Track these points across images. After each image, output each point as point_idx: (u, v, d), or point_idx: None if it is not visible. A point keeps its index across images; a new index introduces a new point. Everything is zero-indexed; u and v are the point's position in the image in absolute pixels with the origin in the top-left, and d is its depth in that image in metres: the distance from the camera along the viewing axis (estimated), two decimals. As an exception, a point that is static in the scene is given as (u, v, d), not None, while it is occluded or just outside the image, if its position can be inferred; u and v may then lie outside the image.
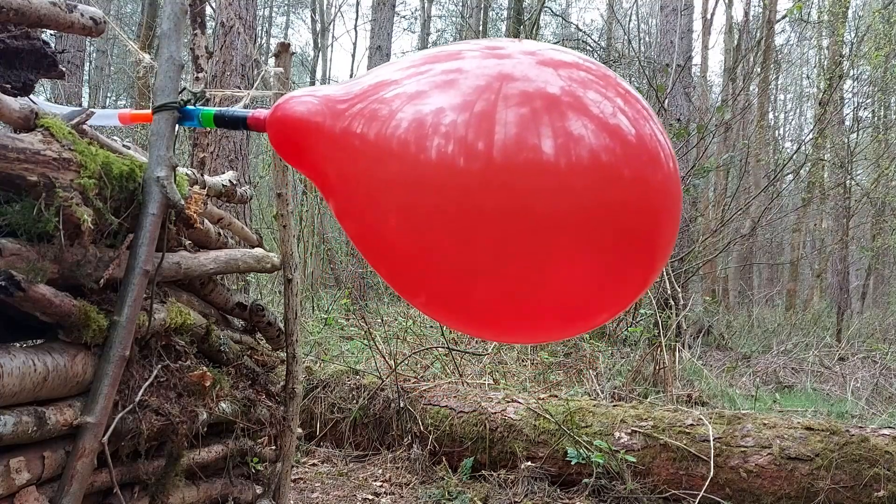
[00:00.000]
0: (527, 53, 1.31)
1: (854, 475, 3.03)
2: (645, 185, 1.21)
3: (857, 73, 16.21)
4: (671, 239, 1.32)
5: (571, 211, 1.17)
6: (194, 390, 1.64)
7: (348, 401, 4.17)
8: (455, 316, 1.49)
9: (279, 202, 2.30)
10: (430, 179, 1.20)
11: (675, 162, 1.29)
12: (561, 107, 1.19)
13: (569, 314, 1.34)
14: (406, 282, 1.44)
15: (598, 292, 1.29)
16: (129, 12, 21.62)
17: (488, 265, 1.23)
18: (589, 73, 1.28)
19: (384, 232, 1.33)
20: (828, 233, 15.20)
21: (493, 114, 1.18)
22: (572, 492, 3.40)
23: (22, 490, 1.17)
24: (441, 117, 1.21)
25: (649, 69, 9.11)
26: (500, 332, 1.58)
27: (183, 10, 1.61)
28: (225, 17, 6.00)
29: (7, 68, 1.48)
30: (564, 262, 1.22)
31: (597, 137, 1.17)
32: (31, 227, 1.18)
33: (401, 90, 1.29)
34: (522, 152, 1.15)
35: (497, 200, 1.16)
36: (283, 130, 1.45)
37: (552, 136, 1.16)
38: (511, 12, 14.91)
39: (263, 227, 7.87)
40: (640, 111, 1.26)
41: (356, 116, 1.31)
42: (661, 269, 1.38)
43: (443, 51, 1.41)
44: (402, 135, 1.23)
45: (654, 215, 1.24)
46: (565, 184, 1.15)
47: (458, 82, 1.25)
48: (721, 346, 9.10)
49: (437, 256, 1.28)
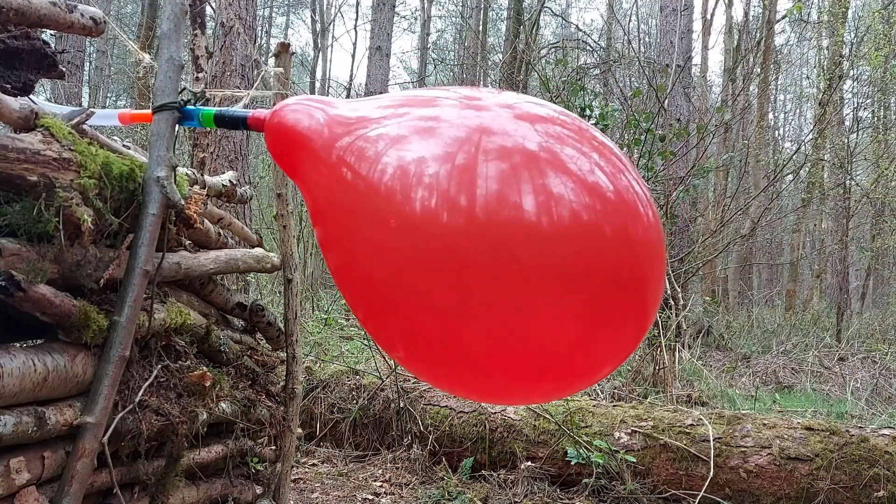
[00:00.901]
0: (504, 106, 1.31)
1: (854, 475, 3.03)
2: (627, 239, 1.22)
3: (857, 73, 16.22)
4: (659, 283, 1.32)
5: (555, 264, 1.17)
6: (194, 390, 1.64)
7: (348, 401, 4.17)
8: (438, 371, 1.44)
9: (279, 202, 2.30)
10: (415, 227, 1.20)
11: (654, 210, 1.30)
12: (540, 163, 1.19)
13: (562, 367, 1.31)
14: (384, 328, 1.41)
15: (591, 343, 1.27)
16: (129, 12, 21.62)
17: (473, 314, 1.21)
18: (564, 128, 1.29)
19: (367, 269, 1.31)
20: (827, 233, 15.20)
21: (475, 167, 1.18)
22: (572, 492, 3.40)
23: (22, 490, 1.17)
24: (424, 167, 1.21)
25: (649, 69, 9.11)
26: (489, 391, 1.50)
27: (183, 11, 1.61)
28: (225, 18, 5.99)
29: (7, 68, 1.48)
30: (553, 313, 1.21)
31: (576, 195, 1.18)
32: (31, 228, 1.18)
33: (383, 131, 1.30)
34: (504, 209, 1.15)
35: (481, 252, 1.16)
36: (278, 138, 1.45)
37: (533, 193, 1.16)
38: (511, 12, 14.91)
39: (263, 228, 7.87)
40: (616, 164, 1.26)
41: (347, 149, 1.31)
42: (654, 315, 1.36)
43: (417, 95, 1.41)
44: (389, 182, 1.23)
45: (639, 267, 1.25)
46: (548, 241, 1.16)
47: (437, 131, 1.25)
48: (721, 346, 9.11)
49: (419, 302, 1.26)
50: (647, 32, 20.30)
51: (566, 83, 7.52)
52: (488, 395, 1.67)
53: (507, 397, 1.72)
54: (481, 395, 1.73)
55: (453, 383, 1.48)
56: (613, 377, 5.30)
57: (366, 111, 1.36)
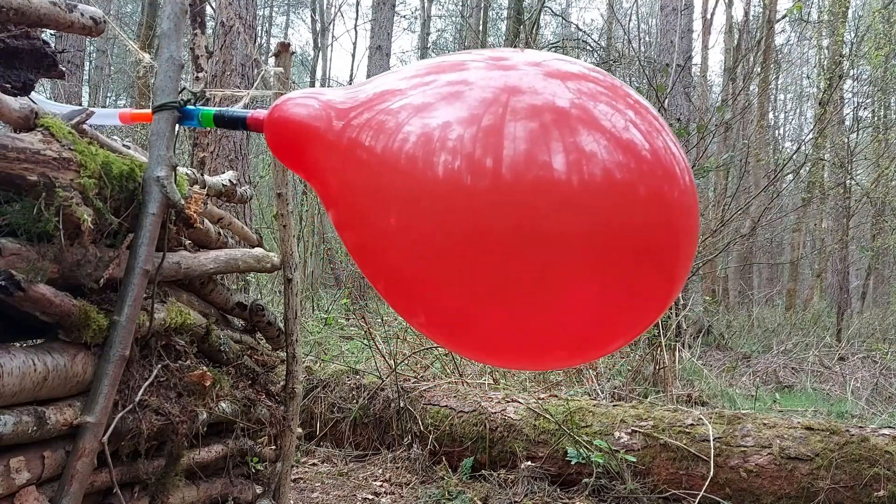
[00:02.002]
0: (532, 64, 1.26)
1: (854, 475, 3.03)
2: (662, 202, 1.15)
3: (857, 73, 16.22)
4: (690, 256, 1.26)
5: (584, 232, 1.12)
6: (194, 390, 1.64)
7: (348, 401, 4.17)
8: (456, 339, 1.42)
9: (279, 202, 2.30)
10: (437, 197, 1.16)
11: (692, 175, 1.24)
12: (571, 121, 1.13)
13: (580, 341, 1.28)
14: (405, 300, 1.39)
15: (614, 316, 1.23)
16: (129, 12, 21.62)
17: (494, 287, 1.17)
18: (597, 85, 1.23)
19: (386, 247, 1.28)
20: (828, 233, 15.20)
21: (502, 128, 1.13)
22: (572, 492, 3.40)
23: (22, 490, 1.17)
24: (448, 132, 1.16)
25: (649, 69, 9.11)
26: (504, 358, 1.51)
27: (183, 10, 1.61)
28: (225, 17, 5.99)
29: (7, 68, 1.48)
30: (576, 285, 1.16)
31: (610, 153, 1.12)
32: (31, 227, 1.18)
33: (406, 101, 1.25)
34: (532, 170, 1.10)
35: (505, 220, 1.11)
36: (280, 133, 1.43)
37: (563, 152, 1.10)
38: (511, 12, 14.91)
39: (263, 227, 7.87)
40: (653, 123, 1.21)
41: (363, 127, 1.27)
42: (680, 288, 1.30)
43: (445, 61, 1.36)
44: (411, 150, 1.18)
45: (673, 234, 1.18)
46: (578, 203, 1.10)
47: (463, 94, 1.20)
48: (721, 345, 9.11)
49: (441, 276, 1.22)
50: (648, 32, 20.30)
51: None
52: (501, 358, 1.63)
53: (520, 361, 1.68)
54: (494, 357, 1.69)
55: (471, 348, 1.46)
56: (613, 377, 5.30)
57: (389, 84, 1.33)
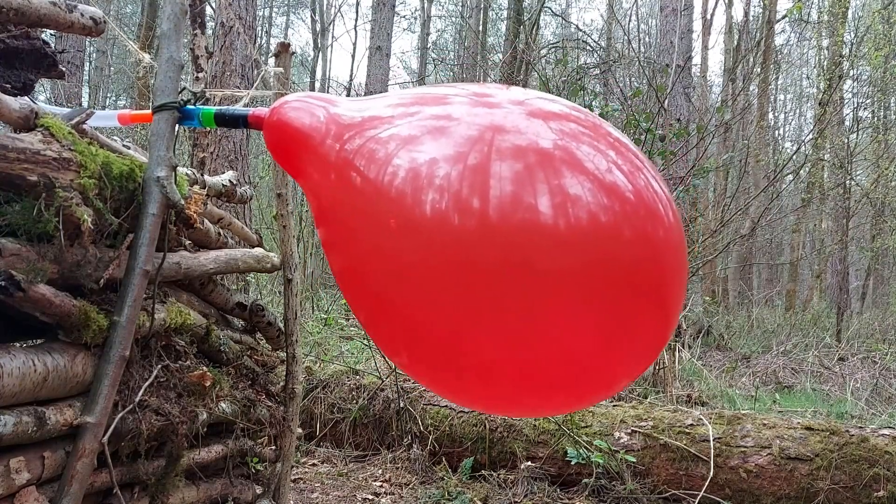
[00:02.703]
0: (515, 103, 1.26)
1: (854, 475, 3.03)
2: (647, 242, 1.16)
3: (857, 73, 16.22)
4: (681, 289, 1.26)
5: (572, 269, 1.11)
6: (194, 390, 1.64)
7: (348, 401, 4.17)
8: (443, 382, 1.38)
9: (279, 202, 2.30)
10: (426, 232, 1.15)
11: (675, 211, 1.24)
12: (555, 162, 1.14)
13: (580, 379, 1.25)
14: (388, 331, 1.35)
15: (608, 353, 1.21)
16: (129, 12, 21.61)
17: (481, 321, 1.16)
18: (579, 125, 1.24)
19: (372, 271, 1.26)
20: (827, 233, 15.20)
21: (488, 168, 1.13)
22: (572, 492, 3.40)
23: (22, 490, 1.17)
24: (435, 168, 1.16)
25: (649, 69, 9.11)
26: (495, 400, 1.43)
27: (183, 11, 1.61)
28: (225, 18, 5.99)
29: (7, 68, 1.48)
30: (567, 318, 1.15)
31: (594, 196, 1.12)
32: (31, 228, 1.18)
33: (394, 131, 1.25)
34: (518, 212, 1.10)
35: (494, 257, 1.11)
36: (278, 136, 1.42)
37: (549, 194, 1.10)
38: (511, 12, 14.91)
39: (263, 227, 7.88)
40: (634, 162, 1.21)
41: (356, 152, 1.26)
42: (676, 323, 1.29)
43: (429, 93, 1.36)
44: (399, 185, 1.18)
45: (660, 271, 1.19)
46: (565, 244, 1.10)
47: (449, 130, 1.20)
48: (721, 346, 9.11)
49: (427, 308, 1.21)
50: (647, 32, 20.29)
51: (566, 83, 7.52)
52: (495, 406, 1.60)
53: (516, 409, 1.63)
54: (487, 406, 1.65)
55: (458, 393, 1.42)
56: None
57: (376, 110, 1.32)
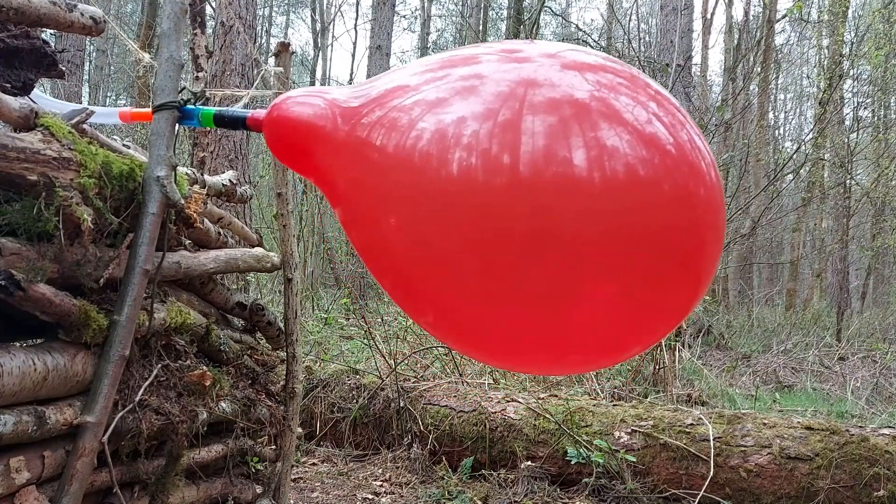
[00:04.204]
0: (547, 56, 1.21)
1: (854, 475, 3.03)
2: (687, 200, 1.09)
3: (857, 72, 16.22)
4: (717, 255, 1.19)
5: (606, 233, 1.06)
6: (194, 390, 1.64)
7: (348, 400, 4.17)
8: (467, 341, 1.36)
9: (279, 202, 2.30)
10: (451, 195, 1.11)
11: (717, 172, 1.17)
12: (591, 115, 1.08)
13: (598, 344, 1.22)
14: (412, 299, 1.33)
15: (635, 320, 1.16)
16: (128, 12, 21.61)
17: (509, 287, 1.12)
18: (616, 75, 1.18)
19: (396, 247, 1.24)
20: (828, 232, 15.20)
21: (519, 123, 1.08)
22: (572, 491, 3.40)
23: (22, 489, 1.17)
24: (463, 128, 1.11)
25: (649, 69, 9.11)
26: (517, 361, 1.43)
27: (183, 10, 1.61)
28: (225, 17, 5.99)
29: (7, 67, 1.48)
30: (596, 286, 1.10)
31: (633, 148, 1.06)
32: (31, 227, 1.18)
33: (420, 97, 1.21)
34: (551, 166, 1.05)
35: (522, 219, 1.06)
36: (281, 132, 1.40)
37: (584, 147, 1.05)
38: (511, 12, 14.91)
39: (263, 227, 7.88)
40: (676, 115, 1.15)
41: (375, 125, 1.23)
42: (705, 291, 1.22)
43: (457, 54, 1.32)
44: (425, 147, 1.14)
45: (699, 234, 1.12)
46: (599, 202, 1.05)
47: (478, 89, 1.15)
48: (721, 345, 9.10)
49: (452, 276, 1.17)
50: (648, 32, 20.27)
51: (566, 82, 7.49)
52: (513, 363, 1.57)
53: (531, 366, 1.60)
54: (506, 362, 1.63)
55: (480, 350, 1.40)
56: (613, 376, 5.30)
57: (401, 80, 1.28)
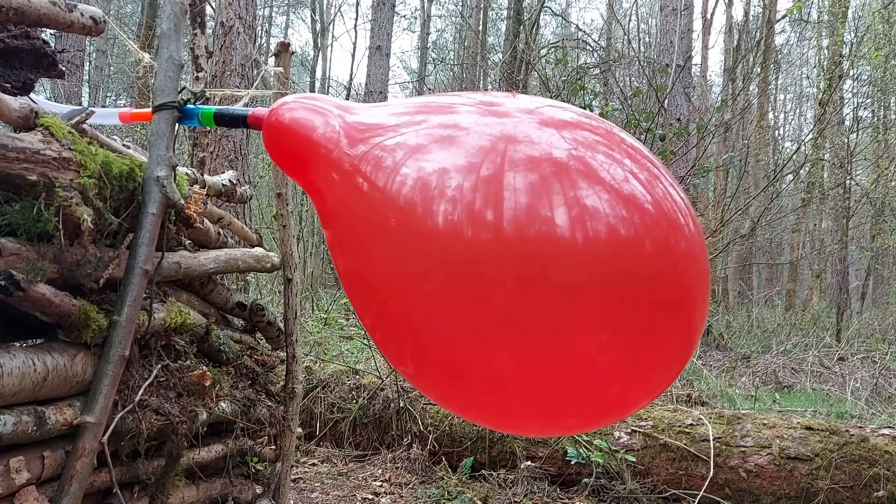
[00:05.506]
0: (525, 112, 1.22)
1: (854, 475, 3.03)
2: (669, 255, 1.11)
3: (857, 73, 16.23)
4: (704, 304, 1.20)
5: (591, 284, 1.06)
6: (194, 390, 1.64)
7: (348, 400, 4.17)
8: (449, 392, 1.33)
9: (279, 202, 2.30)
10: (437, 243, 1.11)
11: (695, 220, 1.18)
12: (570, 173, 1.09)
13: (593, 399, 1.20)
14: (395, 340, 1.31)
15: (628, 373, 1.15)
16: (129, 12, 21.61)
17: (493, 336, 1.12)
18: (593, 133, 1.20)
19: (380, 280, 1.23)
20: (827, 233, 15.20)
21: (501, 179, 1.09)
22: (572, 491, 3.40)
23: (22, 490, 1.16)
24: (446, 179, 1.12)
25: (649, 69, 9.11)
26: (504, 417, 1.38)
27: (183, 10, 1.61)
28: (225, 17, 5.99)
29: (7, 68, 1.48)
30: (586, 336, 1.10)
31: (612, 208, 1.07)
32: (30, 227, 1.18)
33: (401, 139, 1.21)
34: (535, 225, 1.06)
35: (508, 271, 1.07)
36: (279, 136, 1.40)
37: (565, 207, 1.06)
38: (511, 12, 14.91)
39: (263, 227, 7.88)
40: (651, 170, 1.16)
41: (363, 158, 1.23)
42: (699, 339, 1.24)
43: (433, 101, 1.32)
44: (409, 193, 1.14)
45: (684, 285, 1.13)
46: (583, 259, 1.06)
47: (458, 140, 1.16)
48: (721, 346, 9.11)
49: (436, 321, 1.16)
50: (647, 32, 20.28)
51: (566, 83, 7.52)
52: (504, 424, 1.55)
53: (524, 429, 1.57)
54: (496, 423, 1.59)
55: (465, 407, 1.37)
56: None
57: (380, 118, 1.29)
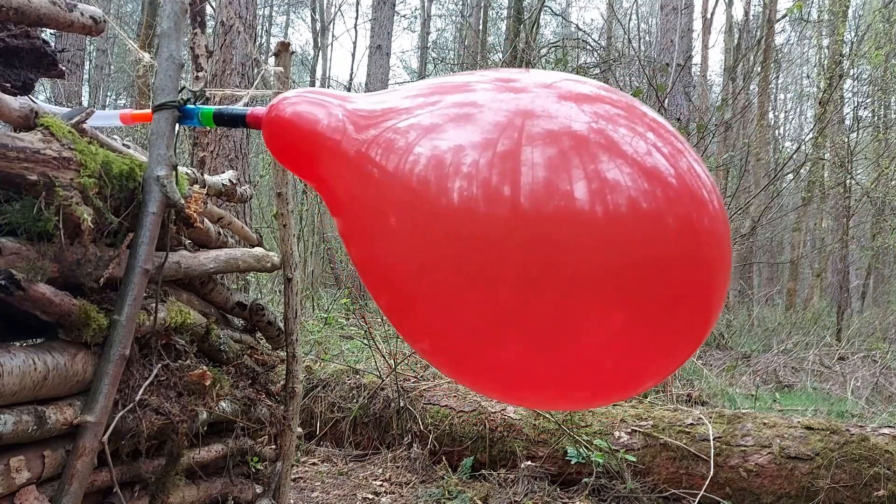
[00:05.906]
0: (543, 86, 1.19)
1: (854, 474, 3.03)
2: (692, 232, 1.07)
3: (858, 72, 16.22)
4: (724, 285, 1.16)
5: (609, 265, 1.04)
6: (194, 389, 1.64)
7: (348, 400, 4.17)
8: (463, 372, 1.33)
9: (279, 201, 2.30)
10: (452, 222, 1.09)
11: (719, 197, 1.15)
12: (591, 147, 1.07)
13: (605, 377, 1.18)
14: (409, 321, 1.31)
15: (643, 353, 1.13)
16: (129, 11, 21.61)
17: (509, 317, 1.10)
18: (613, 106, 1.17)
19: (393, 267, 1.22)
20: (828, 232, 15.20)
21: (518, 154, 1.07)
22: (572, 491, 3.40)
23: (22, 489, 1.17)
24: (462, 156, 1.10)
25: (649, 69, 9.11)
26: (517, 395, 1.40)
27: (183, 9, 1.61)
28: (225, 17, 5.99)
29: (7, 67, 1.48)
30: (603, 315, 1.07)
31: (634, 181, 1.04)
32: (31, 226, 1.18)
33: (414, 121, 1.19)
34: (553, 200, 1.03)
35: (524, 251, 1.05)
36: (281, 133, 1.39)
37: (585, 180, 1.03)
38: (511, 12, 14.91)
39: (263, 227, 7.88)
40: (674, 144, 1.13)
41: (372, 143, 1.21)
42: (716, 321, 1.20)
43: (448, 81, 1.30)
44: (422, 172, 1.12)
45: (706, 266, 1.10)
46: (603, 236, 1.03)
47: (474, 117, 1.14)
48: (721, 345, 9.10)
49: (451, 305, 1.15)
50: (648, 31, 20.28)
51: (566, 82, 7.50)
52: (513, 397, 1.55)
53: (535, 401, 1.59)
54: (506, 396, 1.60)
55: (478, 382, 1.37)
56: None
57: (392, 102, 1.28)
